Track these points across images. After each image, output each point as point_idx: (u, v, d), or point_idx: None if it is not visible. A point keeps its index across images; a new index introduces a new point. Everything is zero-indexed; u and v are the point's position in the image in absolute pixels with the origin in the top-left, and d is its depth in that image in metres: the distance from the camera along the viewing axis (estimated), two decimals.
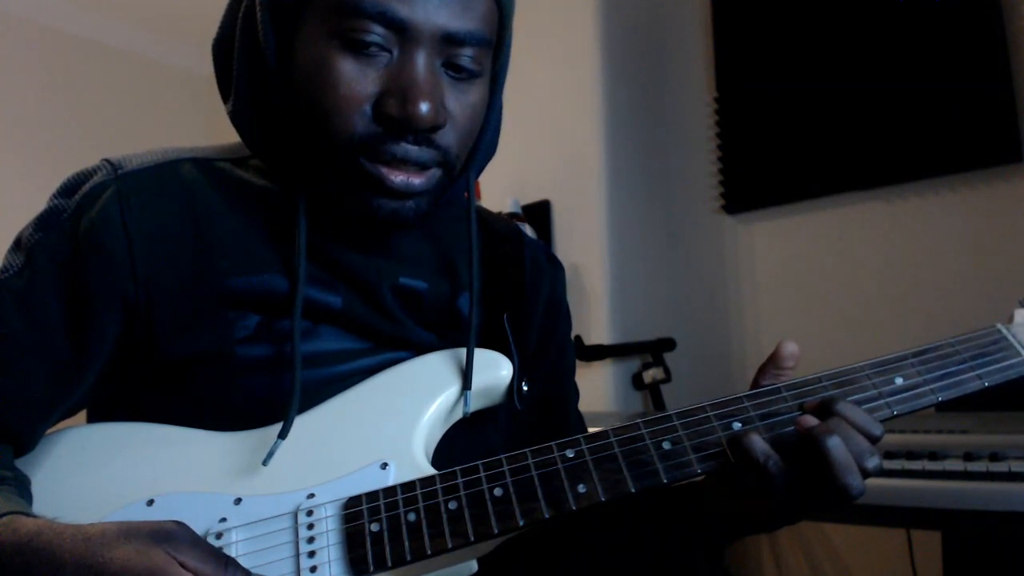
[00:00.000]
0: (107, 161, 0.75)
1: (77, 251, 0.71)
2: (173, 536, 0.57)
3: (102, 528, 0.57)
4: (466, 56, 0.71)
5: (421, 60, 0.69)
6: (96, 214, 0.72)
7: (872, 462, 0.63)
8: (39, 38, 3.06)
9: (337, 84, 0.68)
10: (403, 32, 0.68)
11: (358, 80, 0.68)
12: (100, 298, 0.71)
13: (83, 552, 0.56)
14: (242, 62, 0.75)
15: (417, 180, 0.71)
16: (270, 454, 0.69)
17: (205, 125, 3.33)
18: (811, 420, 0.65)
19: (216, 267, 0.73)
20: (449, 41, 0.69)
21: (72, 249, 0.71)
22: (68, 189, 0.75)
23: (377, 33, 0.67)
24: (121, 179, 0.73)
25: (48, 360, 0.70)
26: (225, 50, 0.78)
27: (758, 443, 0.64)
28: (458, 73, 0.71)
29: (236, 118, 0.77)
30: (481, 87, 0.75)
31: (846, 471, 0.61)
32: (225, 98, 0.79)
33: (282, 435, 0.69)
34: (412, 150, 0.69)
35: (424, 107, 0.67)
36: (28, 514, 0.61)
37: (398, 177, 0.70)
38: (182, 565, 0.56)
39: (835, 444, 0.62)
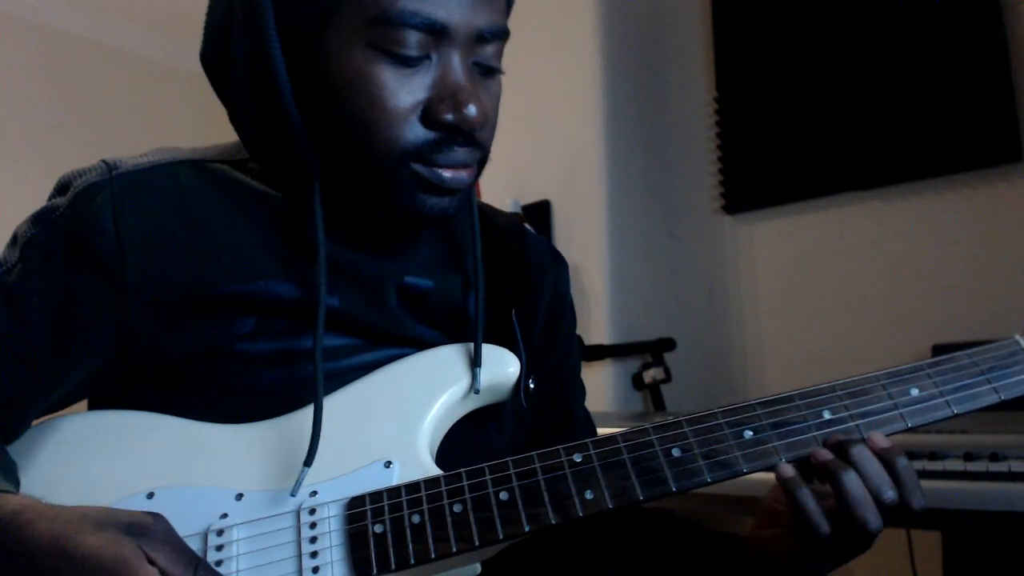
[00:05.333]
0: (103, 162, 0.74)
1: (67, 250, 0.70)
2: (147, 530, 0.57)
3: (82, 512, 0.58)
4: (493, 51, 0.72)
5: (458, 61, 0.69)
6: (88, 215, 0.71)
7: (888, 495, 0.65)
8: (39, 38, 3.06)
9: (384, 97, 0.68)
10: (442, 36, 0.68)
11: (404, 90, 0.68)
12: (87, 300, 0.70)
13: (59, 533, 0.56)
14: (243, 77, 0.73)
15: (466, 175, 0.72)
16: (298, 483, 0.67)
17: (205, 125, 3.33)
18: (826, 454, 0.66)
19: (210, 272, 0.72)
20: (480, 39, 0.70)
21: (63, 248, 0.71)
22: (63, 187, 0.74)
23: (419, 43, 0.67)
24: (116, 180, 0.72)
25: (30, 357, 0.70)
26: (217, 61, 0.76)
27: (811, 502, 0.66)
28: (487, 64, 0.72)
29: (237, 125, 0.76)
30: (499, 80, 0.75)
31: (862, 506, 0.63)
32: (225, 104, 0.78)
33: (307, 463, 0.68)
34: (461, 152, 0.70)
35: (474, 109, 0.68)
36: (12, 493, 0.61)
37: (450, 174, 0.70)
38: (151, 561, 0.56)
39: (851, 479, 0.64)
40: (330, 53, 0.69)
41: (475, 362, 0.75)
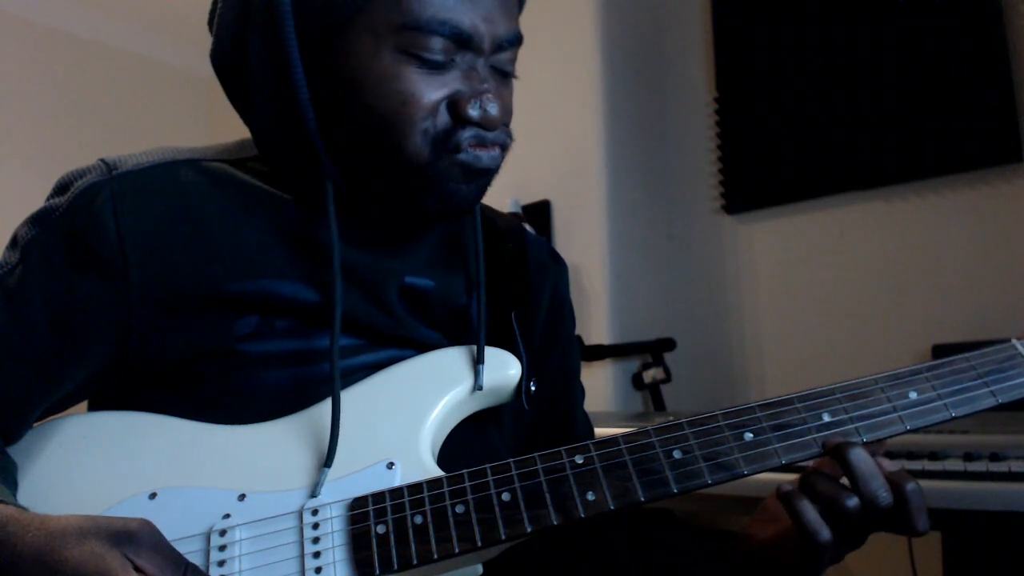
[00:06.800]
0: (103, 161, 0.74)
1: (68, 251, 0.70)
2: (134, 538, 0.57)
3: (66, 523, 0.57)
4: (509, 57, 0.75)
5: (482, 64, 0.73)
6: (89, 215, 0.71)
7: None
8: (39, 38, 3.06)
9: (414, 96, 0.70)
10: (467, 43, 0.71)
11: (432, 89, 0.71)
12: (89, 300, 0.70)
13: (42, 547, 0.55)
14: (260, 81, 0.74)
15: (496, 152, 0.75)
16: (319, 484, 0.68)
17: (205, 125, 3.33)
18: (836, 439, 0.67)
19: (212, 271, 0.72)
20: (500, 46, 0.73)
21: (64, 248, 0.70)
22: (62, 187, 0.74)
23: (445, 48, 0.70)
24: (116, 180, 0.72)
25: (31, 358, 0.70)
26: (228, 61, 0.76)
27: (810, 511, 0.66)
28: (504, 68, 0.75)
29: (251, 126, 0.77)
30: (512, 83, 0.78)
31: (871, 479, 0.65)
32: (238, 109, 0.78)
33: (327, 463, 0.69)
34: (488, 134, 0.74)
35: (496, 109, 0.72)
36: (3, 501, 0.60)
37: (483, 152, 0.74)
38: (139, 569, 0.56)
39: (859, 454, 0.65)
40: (353, 56, 0.70)
41: (478, 359, 0.76)
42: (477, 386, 0.75)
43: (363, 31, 0.70)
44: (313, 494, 0.68)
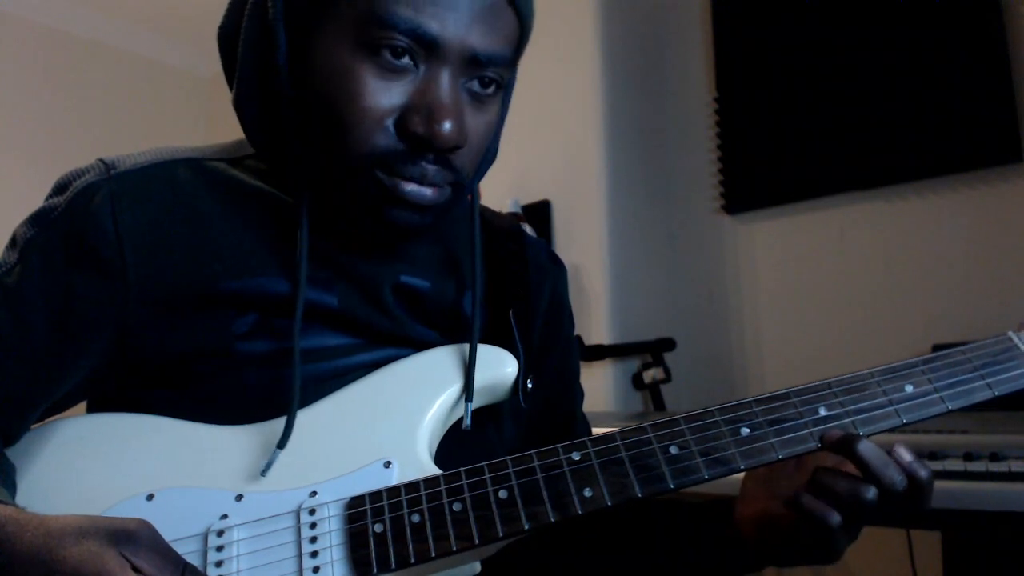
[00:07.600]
0: (101, 161, 0.74)
1: (67, 250, 0.70)
2: (133, 538, 0.57)
3: (64, 523, 0.57)
4: (489, 76, 0.70)
5: (447, 78, 0.68)
6: (87, 214, 0.71)
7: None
8: (39, 38, 3.07)
9: (361, 95, 0.67)
10: (432, 49, 0.67)
11: (382, 93, 0.67)
12: (88, 299, 0.70)
13: (40, 546, 0.55)
14: (248, 55, 0.73)
15: (429, 192, 0.70)
16: (268, 464, 0.68)
17: (205, 125, 3.33)
18: (837, 433, 0.68)
19: (210, 270, 0.72)
20: (475, 62, 0.68)
21: (62, 248, 0.71)
22: (61, 187, 0.74)
23: (406, 50, 0.66)
24: (114, 179, 0.72)
25: (30, 358, 0.70)
26: (231, 38, 0.76)
27: (832, 513, 0.67)
28: (482, 90, 0.71)
29: (239, 109, 0.76)
30: (497, 105, 0.74)
31: (885, 467, 0.65)
32: (231, 86, 0.78)
33: (280, 445, 0.68)
34: (430, 169, 0.69)
35: (448, 126, 0.66)
36: (1, 501, 0.60)
37: (411, 187, 0.69)
38: (137, 569, 0.56)
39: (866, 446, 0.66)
40: (322, 46, 0.69)
41: (469, 364, 0.75)
42: (465, 427, 0.74)
43: (335, 22, 0.68)
44: (262, 473, 0.68)
